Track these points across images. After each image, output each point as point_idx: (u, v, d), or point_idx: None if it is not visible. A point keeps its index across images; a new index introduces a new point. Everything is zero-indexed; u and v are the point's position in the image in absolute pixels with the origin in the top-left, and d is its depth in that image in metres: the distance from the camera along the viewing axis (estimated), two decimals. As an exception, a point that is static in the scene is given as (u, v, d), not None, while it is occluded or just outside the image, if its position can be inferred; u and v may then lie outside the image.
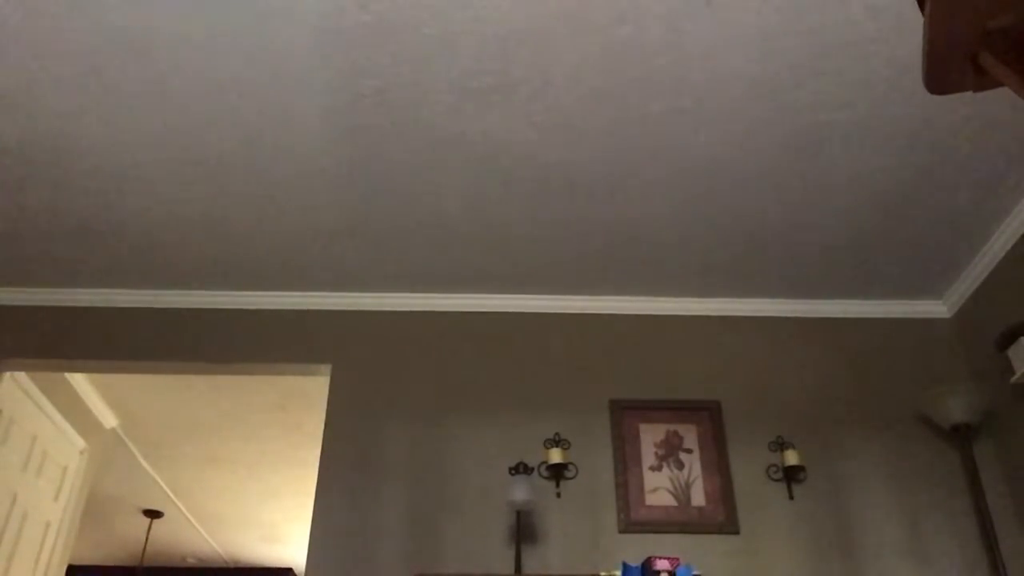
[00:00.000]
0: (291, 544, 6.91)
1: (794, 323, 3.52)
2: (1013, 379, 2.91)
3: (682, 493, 3.13)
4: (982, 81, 0.82)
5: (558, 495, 3.09)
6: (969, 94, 0.89)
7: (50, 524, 4.06)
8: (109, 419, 4.59)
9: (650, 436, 3.24)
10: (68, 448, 4.19)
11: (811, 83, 2.47)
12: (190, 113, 2.60)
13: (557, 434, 3.21)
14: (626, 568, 2.77)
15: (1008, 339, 2.94)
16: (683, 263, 3.34)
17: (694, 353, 3.45)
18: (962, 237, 3.15)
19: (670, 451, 3.22)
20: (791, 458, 3.09)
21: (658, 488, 3.13)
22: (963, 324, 3.42)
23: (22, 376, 3.65)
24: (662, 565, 2.73)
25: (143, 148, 2.75)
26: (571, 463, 3.15)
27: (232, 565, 7.53)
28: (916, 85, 2.47)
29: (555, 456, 3.08)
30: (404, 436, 3.22)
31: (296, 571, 7.68)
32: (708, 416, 3.28)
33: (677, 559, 2.77)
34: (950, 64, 0.83)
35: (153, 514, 6.25)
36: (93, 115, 2.61)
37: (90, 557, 6.90)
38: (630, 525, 3.03)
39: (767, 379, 3.37)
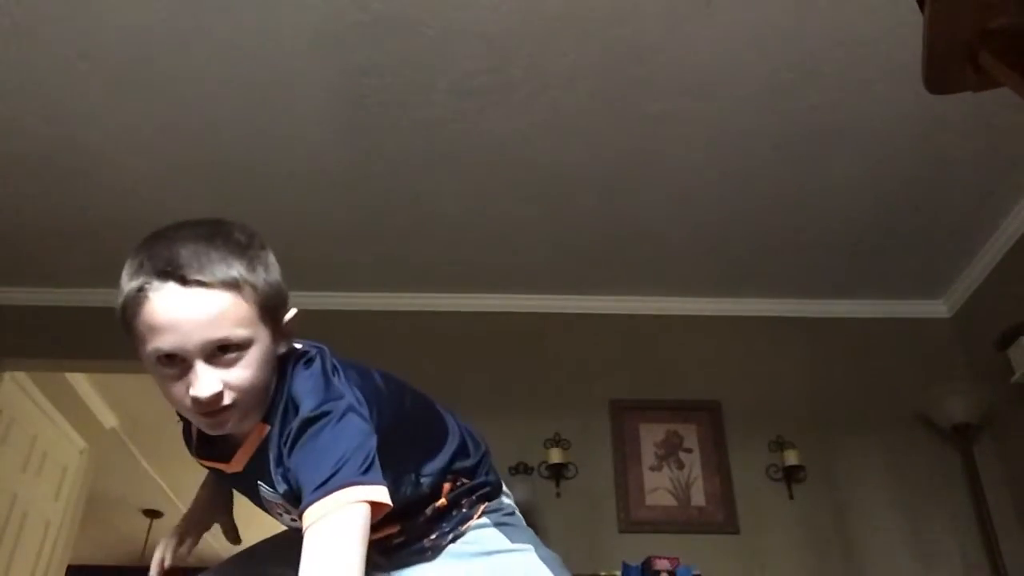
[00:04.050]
0: (291, 544, 6.90)
1: (794, 323, 3.51)
2: (1013, 379, 2.90)
3: (682, 493, 3.12)
4: (982, 81, 0.82)
5: (558, 495, 3.09)
6: (969, 94, 0.88)
7: (50, 524, 4.06)
8: (109, 419, 4.58)
9: (650, 436, 3.24)
10: (68, 448, 4.19)
11: (811, 83, 2.47)
12: (190, 113, 2.60)
13: (557, 434, 3.21)
14: (626, 568, 2.77)
15: (1008, 339, 2.94)
16: (683, 263, 3.34)
17: (694, 353, 3.44)
18: (962, 237, 3.15)
19: (670, 451, 3.21)
20: (791, 458, 3.09)
21: (658, 488, 3.13)
22: (963, 324, 3.42)
23: (22, 376, 3.65)
24: (662, 565, 2.73)
25: (143, 148, 2.75)
26: (571, 463, 3.15)
27: (232, 565, 7.52)
28: (916, 85, 2.46)
29: (555, 456, 3.08)
30: (404, 436, 3.21)
31: (296, 571, 7.68)
32: (708, 416, 3.27)
33: (677, 559, 2.77)
34: (950, 64, 0.83)
35: (153, 514, 6.24)
36: (94, 116, 2.60)
37: (90, 557, 6.89)
38: (630, 525, 3.03)
39: (767, 379, 3.37)
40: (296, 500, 0.95)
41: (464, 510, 1.22)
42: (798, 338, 3.48)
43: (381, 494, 0.91)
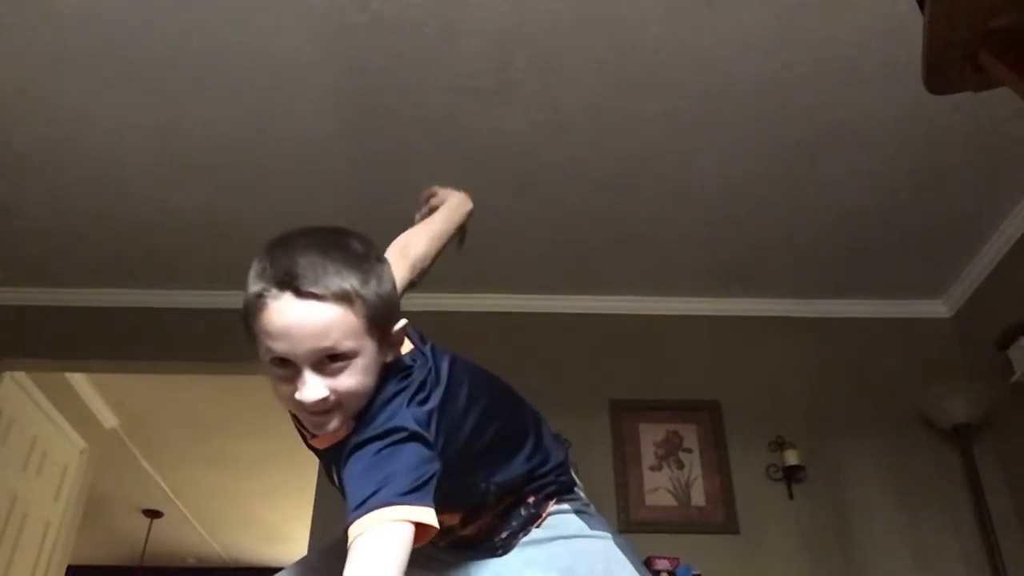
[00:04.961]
0: (291, 544, 6.90)
1: (794, 323, 3.51)
2: (1013, 379, 2.90)
3: (682, 493, 3.12)
4: (982, 81, 0.82)
5: (558, 495, 3.08)
6: (969, 94, 0.89)
7: (50, 524, 4.06)
8: (109, 419, 4.58)
9: (650, 436, 3.24)
10: (68, 448, 4.19)
11: (810, 83, 2.47)
12: (190, 113, 2.60)
13: (557, 434, 3.20)
14: (626, 568, 2.77)
15: (1008, 339, 2.94)
16: (683, 263, 3.34)
17: (694, 353, 3.44)
18: (962, 237, 3.15)
19: (670, 451, 3.21)
20: (791, 458, 3.09)
21: (658, 488, 3.13)
22: (963, 324, 3.41)
23: (22, 376, 3.65)
24: (662, 565, 2.73)
25: (143, 148, 2.75)
26: (571, 463, 3.14)
27: (232, 565, 7.52)
28: (916, 85, 2.46)
29: (555, 456, 3.08)
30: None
31: (296, 571, 7.66)
32: (708, 416, 3.27)
33: (677, 559, 2.77)
34: (950, 64, 0.83)
35: (153, 514, 6.24)
36: (93, 115, 2.60)
37: (90, 557, 6.89)
38: (630, 525, 3.02)
39: (767, 379, 3.37)
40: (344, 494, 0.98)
41: (532, 510, 1.24)
42: (798, 338, 3.48)
43: (425, 515, 0.92)
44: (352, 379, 0.99)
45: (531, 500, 1.24)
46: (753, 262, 3.32)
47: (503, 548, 1.24)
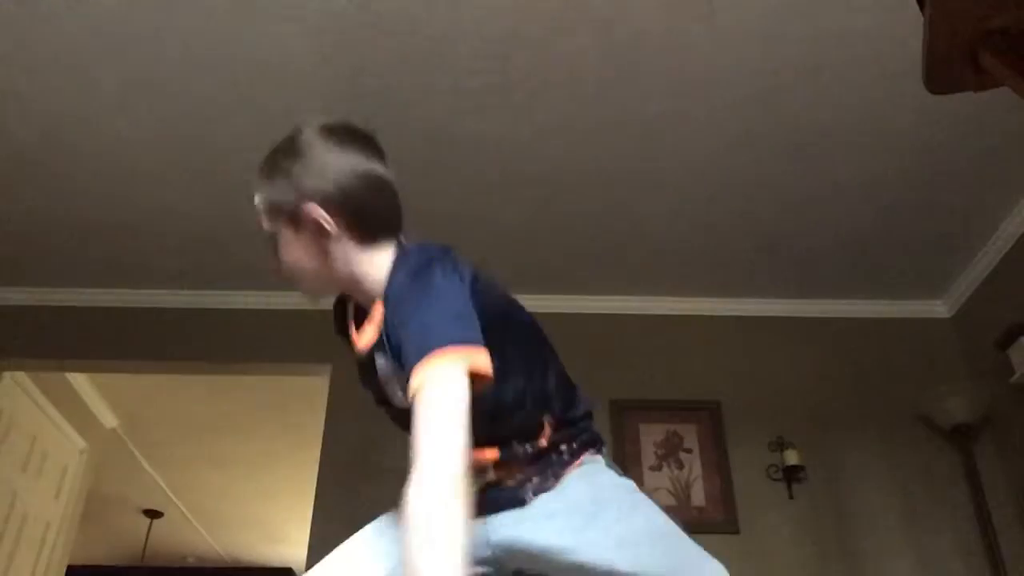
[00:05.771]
0: (291, 544, 6.91)
1: (794, 323, 3.51)
2: (1013, 379, 2.91)
3: (682, 493, 3.12)
4: (982, 81, 0.83)
5: (558, 495, 3.08)
6: (969, 94, 0.89)
7: (50, 524, 4.06)
8: (109, 419, 4.58)
9: (650, 436, 3.24)
10: (68, 448, 4.19)
11: (811, 84, 2.47)
12: (190, 113, 2.60)
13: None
14: (626, 568, 2.77)
15: (1008, 339, 2.94)
16: (683, 263, 3.34)
17: (694, 353, 3.44)
18: (962, 237, 3.15)
19: (670, 451, 3.21)
20: (791, 458, 3.09)
21: (658, 488, 3.13)
22: (963, 324, 3.42)
23: (22, 376, 3.65)
24: (662, 565, 2.72)
25: (143, 148, 2.75)
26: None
27: (232, 565, 7.52)
28: (916, 85, 2.46)
29: (555, 456, 3.08)
30: (404, 435, 3.21)
31: (296, 571, 7.68)
32: (708, 416, 3.27)
33: (677, 559, 2.76)
34: (950, 64, 0.83)
35: (153, 514, 6.25)
36: (93, 115, 2.60)
37: (90, 557, 6.89)
38: (630, 525, 3.02)
39: (767, 379, 3.37)
40: (400, 367, 1.05)
41: (565, 456, 1.29)
42: (798, 338, 3.48)
43: (481, 359, 0.98)
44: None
45: (563, 448, 1.29)
46: (753, 262, 3.32)
47: (535, 492, 1.26)
